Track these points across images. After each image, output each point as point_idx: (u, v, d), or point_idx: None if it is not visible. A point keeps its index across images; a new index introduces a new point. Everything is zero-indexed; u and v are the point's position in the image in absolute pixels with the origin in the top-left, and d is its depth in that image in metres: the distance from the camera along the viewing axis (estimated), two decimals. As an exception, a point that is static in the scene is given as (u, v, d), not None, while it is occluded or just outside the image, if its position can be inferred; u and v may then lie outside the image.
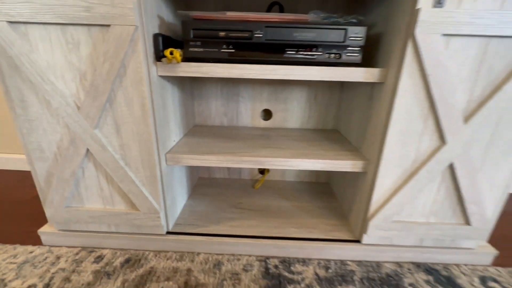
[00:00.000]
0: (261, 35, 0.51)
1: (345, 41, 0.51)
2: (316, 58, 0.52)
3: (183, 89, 0.71)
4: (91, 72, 0.48)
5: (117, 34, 0.45)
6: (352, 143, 0.70)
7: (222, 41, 0.51)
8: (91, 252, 0.62)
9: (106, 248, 0.63)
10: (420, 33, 0.43)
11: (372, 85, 0.59)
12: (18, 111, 0.51)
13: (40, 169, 0.56)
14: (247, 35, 0.51)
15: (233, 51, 0.52)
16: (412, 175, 0.54)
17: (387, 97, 0.51)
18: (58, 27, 0.45)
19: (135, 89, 0.49)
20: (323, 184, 0.91)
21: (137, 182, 0.56)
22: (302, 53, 0.52)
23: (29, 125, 0.52)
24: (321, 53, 0.52)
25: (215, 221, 0.69)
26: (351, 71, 0.51)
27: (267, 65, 0.51)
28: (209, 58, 0.52)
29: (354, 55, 0.52)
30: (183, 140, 0.70)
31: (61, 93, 0.49)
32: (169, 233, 0.64)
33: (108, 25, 0.45)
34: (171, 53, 0.50)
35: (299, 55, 0.52)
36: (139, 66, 0.47)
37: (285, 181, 0.93)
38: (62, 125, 0.52)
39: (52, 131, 0.53)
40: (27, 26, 0.45)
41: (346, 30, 0.50)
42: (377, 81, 0.52)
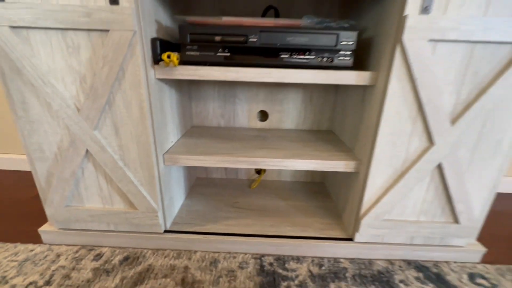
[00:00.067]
0: (255, 39, 0.52)
1: (337, 45, 0.52)
2: (309, 62, 0.54)
3: (180, 91, 0.73)
4: (91, 75, 0.50)
5: (116, 38, 0.46)
6: (346, 144, 0.72)
7: (218, 45, 0.53)
8: (91, 250, 0.63)
9: (105, 246, 0.65)
10: (407, 39, 0.45)
11: (364, 88, 0.61)
12: (20, 113, 0.53)
13: (41, 169, 0.57)
14: (242, 39, 0.52)
15: (229, 54, 0.53)
16: (402, 174, 0.56)
17: (377, 99, 0.53)
18: (59, 32, 0.47)
19: (133, 92, 0.51)
20: (318, 184, 0.93)
21: (135, 182, 0.58)
22: (295, 56, 0.54)
23: (30, 126, 0.54)
24: (314, 57, 0.53)
25: (212, 220, 0.71)
26: (343, 74, 0.53)
27: (262, 68, 0.53)
28: (205, 61, 0.54)
29: (346, 59, 0.53)
30: (181, 141, 0.71)
31: (61, 96, 0.51)
32: (166, 231, 0.65)
33: (107, 30, 0.46)
34: (169, 56, 0.51)
35: (293, 58, 0.54)
36: (137, 70, 0.49)
37: (281, 181, 0.94)
38: (62, 126, 0.54)
39: (53, 132, 0.54)
40: (29, 30, 0.47)
41: (338, 34, 0.52)
42: (368, 84, 0.54)
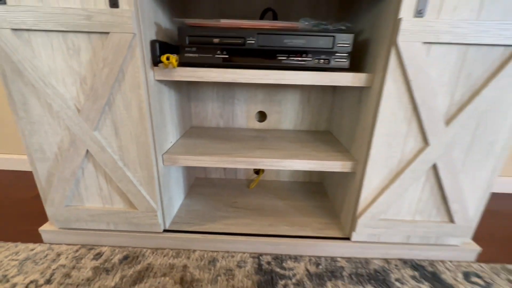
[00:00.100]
0: (253, 41, 0.53)
1: (333, 47, 0.53)
2: (306, 64, 0.55)
3: (180, 92, 0.74)
4: (91, 76, 0.51)
5: (115, 41, 0.47)
6: (343, 144, 0.73)
7: (217, 47, 0.54)
8: (91, 249, 0.64)
9: (105, 246, 0.66)
10: (402, 41, 0.46)
11: (361, 89, 0.61)
12: (21, 113, 0.53)
13: (41, 169, 0.58)
14: (240, 41, 0.53)
15: (227, 56, 0.54)
16: (397, 175, 0.56)
17: (373, 100, 0.54)
18: (60, 34, 0.48)
19: (133, 93, 0.51)
20: (316, 184, 0.94)
21: (135, 182, 0.58)
22: (292, 58, 0.54)
23: (31, 127, 0.55)
24: (311, 58, 0.54)
25: (210, 219, 0.72)
26: (340, 75, 0.54)
27: (259, 70, 0.54)
28: (204, 63, 0.55)
29: (342, 60, 0.54)
30: (180, 141, 0.72)
31: (62, 97, 0.51)
32: (166, 231, 0.66)
33: (107, 33, 0.47)
34: (168, 58, 0.52)
35: (290, 60, 0.55)
36: (137, 71, 0.50)
37: (279, 181, 0.95)
38: (63, 127, 0.54)
39: (53, 133, 0.55)
40: (30, 33, 0.48)
41: (334, 37, 0.53)
42: (364, 86, 0.55)
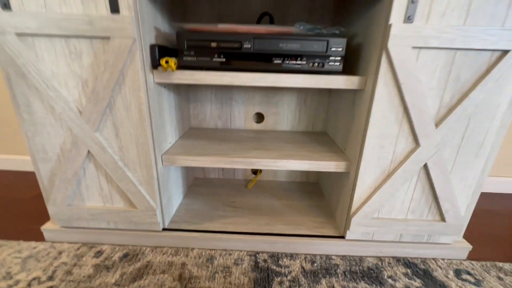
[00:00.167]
0: (249, 45, 0.55)
1: (327, 51, 0.55)
2: (301, 67, 0.56)
3: (179, 94, 0.76)
4: (92, 80, 0.52)
5: (116, 45, 0.49)
6: (338, 145, 0.74)
7: (214, 51, 0.55)
8: (91, 247, 0.66)
9: (106, 244, 0.67)
10: (392, 46, 0.48)
11: (355, 91, 0.63)
12: (24, 115, 0.55)
13: (44, 169, 0.60)
14: (237, 45, 0.55)
15: (224, 60, 0.56)
16: (390, 175, 0.58)
17: (366, 103, 0.56)
18: (63, 39, 0.49)
19: (133, 96, 0.53)
20: (313, 184, 0.96)
21: (135, 181, 0.60)
22: (288, 62, 0.56)
23: (34, 128, 0.56)
24: (306, 62, 0.56)
25: (208, 218, 0.73)
26: (333, 78, 0.56)
27: (255, 73, 0.55)
28: (202, 66, 0.57)
29: (336, 64, 0.56)
30: (179, 142, 0.74)
31: (64, 99, 0.53)
32: (165, 229, 0.68)
33: (108, 38, 0.49)
34: (167, 62, 0.54)
35: (285, 64, 0.56)
36: (136, 74, 0.52)
37: (276, 181, 0.97)
38: (65, 128, 0.56)
39: (56, 134, 0.57)
40: (34, 38, 0.49)
41: (328, 41, 0.54)
42: (357, 88, 0.57)
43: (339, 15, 0.75)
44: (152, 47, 0.54)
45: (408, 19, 0.47)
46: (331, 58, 0.55)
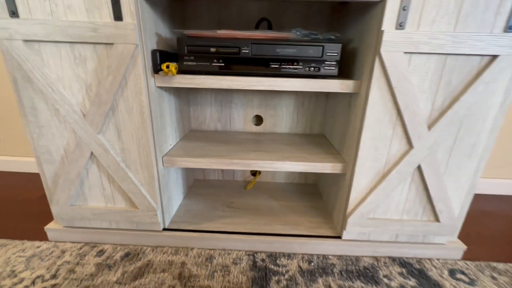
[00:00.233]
0: (247, 50, 0.57)
1: (322, 56, 0.57)
2: (298, 71, 0.58)
3: (179, 97, 0.77)
4: (96, 84, 0.54)
5: (119, 51, 0.51)
6: (335, 147, 0.76)
7: (213, 56, 0.57)
8: (94, 247, 0.67)
9: (107, 243, 0.69)
10: (385, 51, 0.49)
11: (350, 95, 0.65)
12: (30, 118, 0.57)
13: (48, 170, 0.62)
14: (235, 50, 0.57)
15: (223, 64, 0.58)
16: (384, 176, 0.60)
17: (360, 106, 0.58)
18: (68, 45, 0.52)
19: (135, 99, 0.55)
20: (311, 186, 0.97)
21: (136, 182, 0.62)
22: (284, 66, 0.58)
23: (39, 130, 0.58)
24: (302, 66, 0.58)
25: (208, 219, 0.75)
26: (329, 82, 0.57)
27: (253, 77, 0.57)
28: (201, 71, 0.59)
29: (331, 68, 0.58)
30: (179, 144, 0.75)
31: (68, 102, 0.55)
32: (165, 229, 0.69)
33: (112, 44, 0.51)
34: (167, 66, 0.56)
35: (282, 68, 0.58)
36: (138, 79, 0.53)
37: (275, 183, 0.98)
38: (69, 130, 0.58)
39: (60, 136, 0.59)
40: (40, 44, 0.52)
41: (323, 46, 0.56)
42: (352, 92, 0.58)
43: (334, 21, 0.77)
44: (153, 52, 0.56)
45: (400, 25, 0.48)
46: (326, 62, 0.57)
